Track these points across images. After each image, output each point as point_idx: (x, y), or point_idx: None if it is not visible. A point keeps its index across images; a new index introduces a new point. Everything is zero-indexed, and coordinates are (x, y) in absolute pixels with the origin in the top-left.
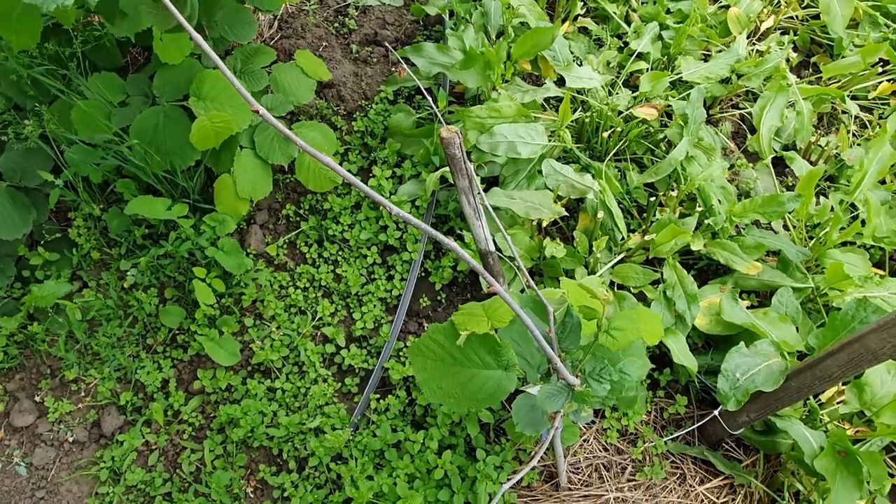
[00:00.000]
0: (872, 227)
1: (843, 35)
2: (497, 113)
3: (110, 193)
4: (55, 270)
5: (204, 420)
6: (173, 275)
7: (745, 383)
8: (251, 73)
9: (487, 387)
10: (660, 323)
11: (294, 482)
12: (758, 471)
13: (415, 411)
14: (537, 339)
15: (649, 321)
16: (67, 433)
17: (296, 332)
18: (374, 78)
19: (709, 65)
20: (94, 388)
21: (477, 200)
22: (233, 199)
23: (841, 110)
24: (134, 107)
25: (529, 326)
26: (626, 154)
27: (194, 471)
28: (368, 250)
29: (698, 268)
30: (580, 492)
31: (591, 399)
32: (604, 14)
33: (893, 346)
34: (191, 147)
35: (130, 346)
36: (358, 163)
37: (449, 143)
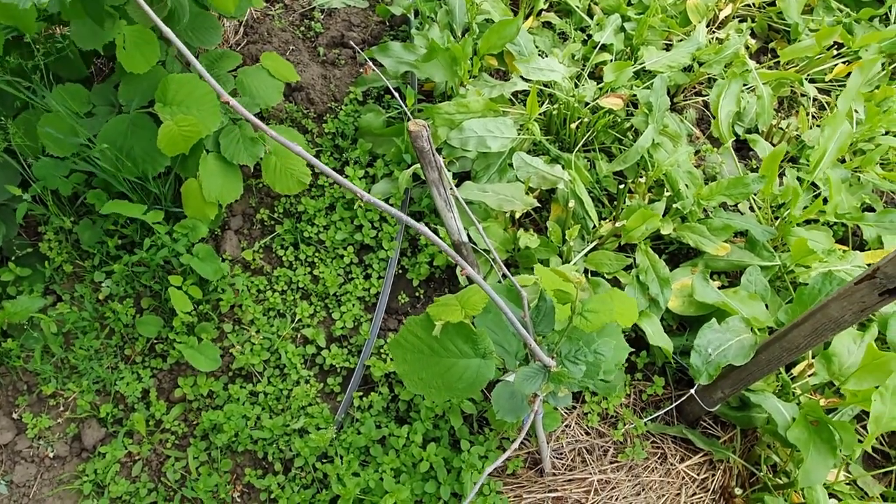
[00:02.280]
0: (834, 203)
1: (799, 20)
2: (465, 108)
3: (80, 205)
4: (27, 285)
5: (187, 428)
6: (149, 284)
7: (716, 358)
8: (217, 77)
9: (466, 375)
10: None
11: (280, 484)
12: (735, 446)
13: (398, 407)
14: (511, 321)
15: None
16: (48, 448)
17: (275, 335)
18: (343, 79)
19: (670, 54)
20: (73, 402)
21: (448, 192)
22: (200, 203)
23: (800, 93)
24: (100, 116)
25: (503, 308)
26: (595, 144)
27: (179, 479)
28: (345, 250)
29: (669, 252)
30: (564, 476)
31: (566, 379)
32: (567, 8)
33: (853, 313)
34: (160, 153)
35: (108, 358)
36: (330, 164)
37: (417, 137)
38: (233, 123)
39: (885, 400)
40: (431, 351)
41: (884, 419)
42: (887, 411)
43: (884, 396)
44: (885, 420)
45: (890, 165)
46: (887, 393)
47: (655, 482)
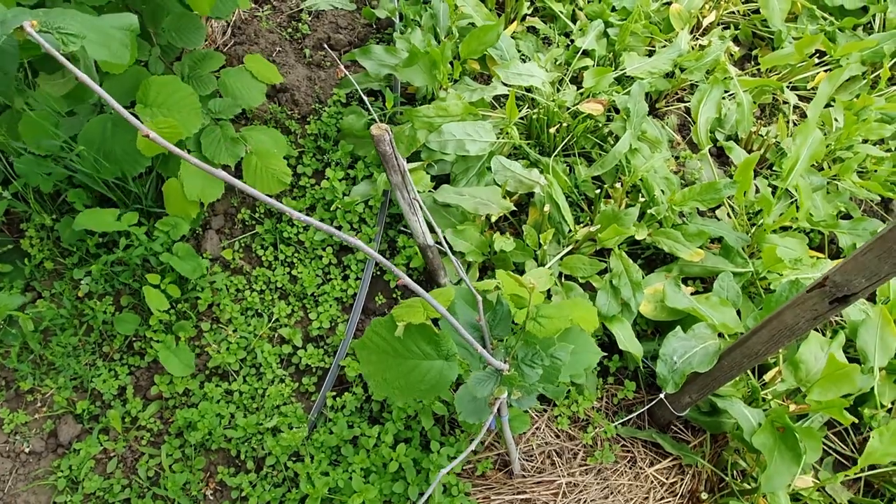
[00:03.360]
0: (806, 210)
1: (782, 28)
2: (445, 112)
3: (62, 203)
4: (7, 282)
5: (162, 425)
6: (128, 282)
7: (682, 366)
8: (199, 78)
9: (429, 377)
10: (594, 312)
11: (252, 482)
12: (705, 450)
13: (371, 407)
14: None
15: (584, 311)
16: (23, 444)
17: (252, 334)
18: (328, 81)
19: (652, 60)
20: (50, 398)
21: (412, 195)
22: (181, 202)
23: (782, 101)
24: (82, 116)
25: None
26: (575, 149)
27: (153, 476)
28: (324, 251)
29: (645, 257)
30: (534, 478)
31: (517, 383)
32: (551, 13)
33: (807, 321)
34: (140, 154)
35: (86, 355)
36: (312, 165)
37: (379, 140)
38: (214, 123)
39: (882, 439)
40: (395, 352)
41: (876, 454)
42: (882, 448)
43: (882, 436)
44: (878, 455)
45: (868, 174)
46: (887, 433)
47: (624, 486)
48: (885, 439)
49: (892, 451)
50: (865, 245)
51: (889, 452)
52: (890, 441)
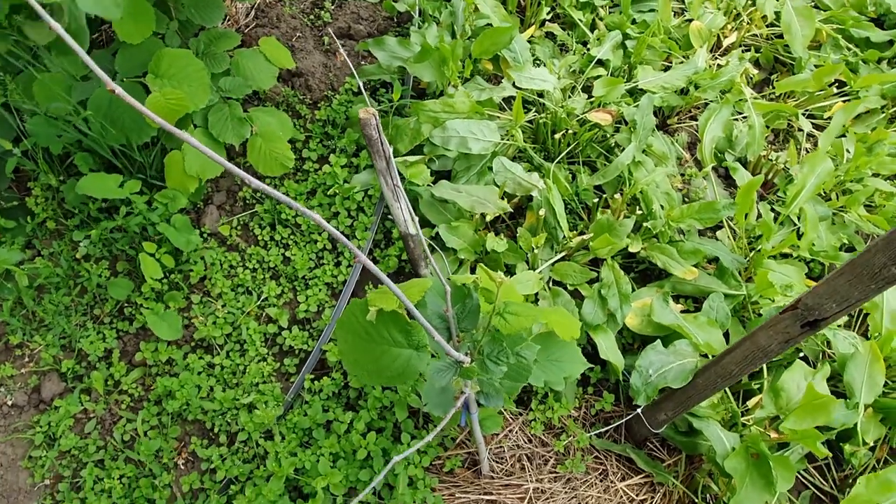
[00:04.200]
0: (809, 240)
1: (804, 55)
2: (451, 108)
3: (70, 166)
4: (9, 238)
5: (143, 391)
6: (125, 249)
7: (656, 380)
8: (213, 56)
9: (397, 364)
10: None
11: (223, 455)
12: (679, 471)
13: (349, 394)
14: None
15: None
16: (7, 396)
17: (241, 310)
18: (343, 70)
19: (666, 75)
20: (38, 354)
21: (396, 182)
22: (181, 175)
23: (797, 128)
24: (95, 82)
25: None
26: (580, 158)
27: (128, 440)
28: (319, 236)
29: (639, 270)
30: (501, 480)
31: (475, 375)
32: (571, 21)
33: (779, 343)
34: (146, 123)
35: (77, 316)
36: (318, 150)
37: (366, 124)
38: (223, 102)
39: (869, 486)
40: (367, 336)
41: (859, 500)
42: (866, 496)
43: (870, 483)
44: (860, 501)
45: (876, 208)
46: (875, 481)
47: (592, 497)
48: (872, 487)
49: (875, 500)
50: (837, 270)
51: (873, 501)
52: (877, 489)
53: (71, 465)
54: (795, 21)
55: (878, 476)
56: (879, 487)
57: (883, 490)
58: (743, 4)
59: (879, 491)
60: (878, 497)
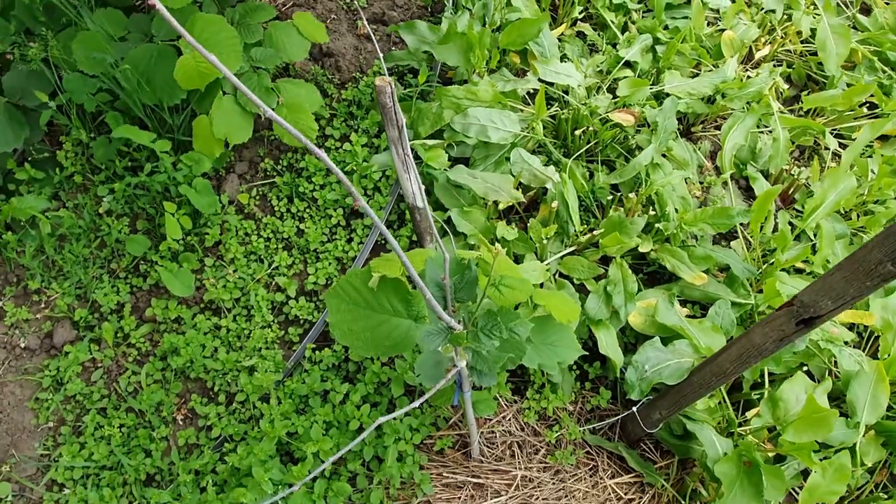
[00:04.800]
0: (824, 256)
1: (837, 73)
2: (474, 96)
3: (101, 124)
4: (38, 188)
5: (150, 346)
6: (146, 207)
7: (651, 375)
8: (247, 26)
9: (395, 334)
10: (575, 307)
11: (220, 414)
12: (670, 473)
13: (348, 368)
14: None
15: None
16: (21, 339)
17: (251, 277)
18: (374, 54)
19: (693, 81)
20: (53, 301)
21: (406, 152)
22: (209, 139)
23: (823, 146)
24: (132, 43)
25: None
26: (599, 157)
27: (132, 391)
28: (334, 211)
29: (649, 272)
30: (490, 465)
31: (465, 343)
32: (602, 22)
33: (773, 342)
34: (177, 85)
35: (94, 268)
36: (341, 129)
37: (381, 91)
38: (253, 71)
39: (826, 474)
40: (366, 304)
41: (819, 491)
42: (825, 485)
43: (826, 471)
44: (820, 492)
45: None
46: (830, 468)
47: (580, 491)
48: (829, 475)
49: (836, 490)
50: (834, 266)
51: (833, 490)
52: (834, 478)
53: (74, 410)
54: (831, 39)
55: (833, 463)
56: (836, 475)
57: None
58: (779, 19)
59: (836, 479)
60: (837, 486)
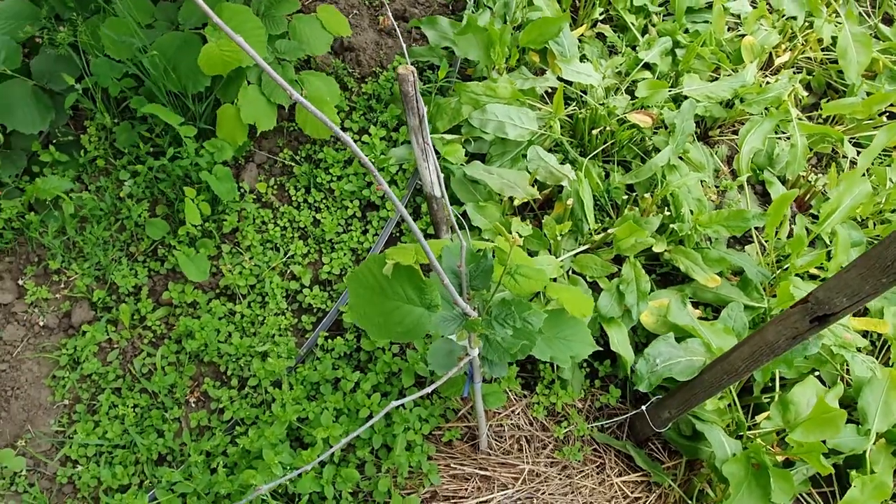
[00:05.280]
0: (838, 262)
1: (857, 82)
2: (493, 92)
3: (125, 109)
4: (62, 170)
5: (166, 329)
6: (167, 192)
7: (662, 370)
8: (272, 18)
9: (407, 321)
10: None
11: (232, 398)
12: (678, 474)
13: (360, 357)
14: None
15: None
16: (40, 317)
17: (266, 265)
18: (394, 49)
19: (712, 85)
20: (73, 282)
21: (426, 141)
22: (233, 126)
23: (841, 154)
24: (159, 30)
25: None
26: (615, 157)
27: (146, 372)
28: (351, 203)
29: (662, 273)
30: (498, 458)
31: (479, 329)
32: (623, 24)
33: (787, 339)
34: (201, 73)
35: (113, 250)
36: (360, 123)
37: (404, 80)
38: (277, 63)
39: (864, 490)
40: (381, 290)
41: None
42: (862, 500)
43: (865, 486)
44: None
45: None
46: (870, 484)
47: (587, 488)
48: (868, 491)
49: None
50: (850, 263)
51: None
52: (872, 494)
53: (90, 389)
54: (852, 47)
55: (874, 479)
56: (875, 493)
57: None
58: (800, 25)
59: (875, 496)
60: (875, 503)
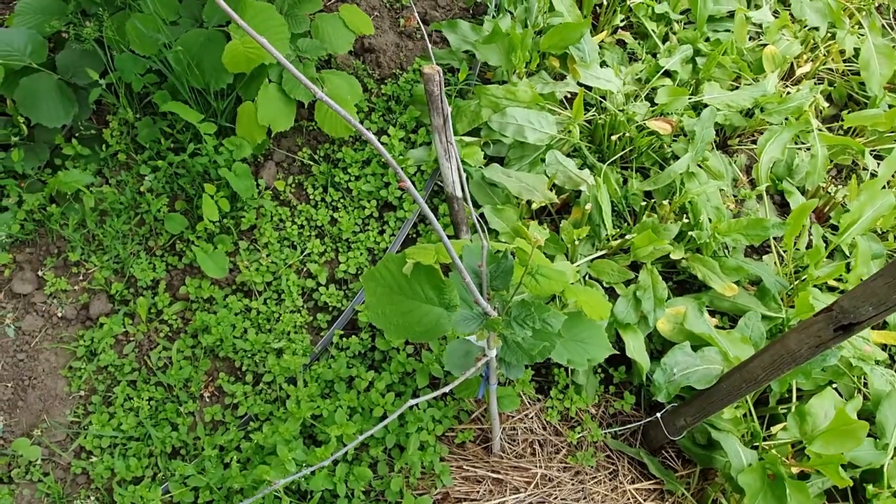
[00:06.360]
0: (858, 274)
1: (879, 94)
2: (513, 96)
3: (147, 105)
4: (83, 164)
5: (182, 324)
6: (186, 187)
7: (679, 379)
8: (295, 17)
9: (426, 321)
10: (606, 304)
11: (246, 393)
12: (691, 482)
13: (374, 356)
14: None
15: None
16: (58, 308)
17: (283, 262)
18: (414, 52)
19: (732, 94)
20: (92, 274)
21: (450, 140)
22: (252, 125)
23: (862, 166)
24: (183, 27)
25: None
26: (634, 164)
27: (162, 366)
28: (368, 203)
29: (678, 280)
30: (511, 462)
31: (499, 328)
32: (643, 31)
33: (809, 348)
34: (224, 70)
35: (132, 244)
36: (379, 123)
37: (429, 79)
38: (299, 61)
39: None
40: (399, 289)
41: None
42: None
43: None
44: None
45: None
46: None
47: (599, 494)
48: None
49: None
50: (877, 271)
51: None
52: None
53: (106, 381)
54: (875, 59)
55: None
56: None
57: None
58: (822, 36)
59: None
60: None
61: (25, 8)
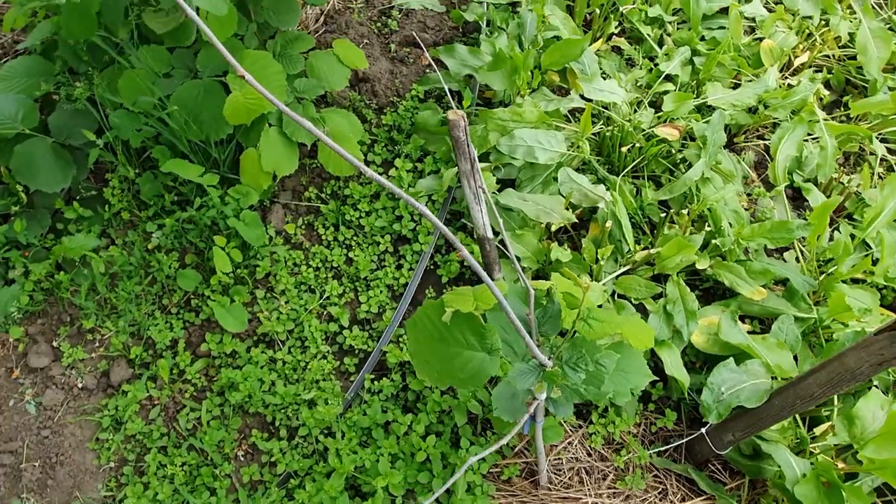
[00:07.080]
0: (885, 266)
1: (879, 77)
2: (519, 117)
3: (146, 159)
4: (87, 226)
5: (206, 382)
6: (195, 241)
7: (728, 398)
8: (289, 57)
9: (469, 367)
10: (649, 332)
11: (283, 449)
12: (742, 495)
13: (407, 396)
14: (508, 313)
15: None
16: (78, 379)
17: (303, 308)
18: (409, 77)
19: (736, 92)
20: (108, 340)
21: (478, 184)
22: (256, 172)
23: (869, 151)
24: (177, 79)
25: (499, 298)
26: (644, 172)
27: (191, 428)
28: (382, 238)
29: (703, 288)
30: (559, 493)
31: (559, 380)
32: (638, 36)
33: (870, 366)
34: (224, 121)
35: (147, 305)
36: (382, 155)
37: (454, 126)
38: (297, 102)
39: None
40: (440, 337)
41: None
42: None
43: None
44: None
45: None
46: None
47: None
48: None
49: None
50: None
51: None
52: None
53: (135, 450)
54: (871, 43)
55: None
56: None
57: None
58: (816, 25)
59: None
60: None
61: (11, 72)
